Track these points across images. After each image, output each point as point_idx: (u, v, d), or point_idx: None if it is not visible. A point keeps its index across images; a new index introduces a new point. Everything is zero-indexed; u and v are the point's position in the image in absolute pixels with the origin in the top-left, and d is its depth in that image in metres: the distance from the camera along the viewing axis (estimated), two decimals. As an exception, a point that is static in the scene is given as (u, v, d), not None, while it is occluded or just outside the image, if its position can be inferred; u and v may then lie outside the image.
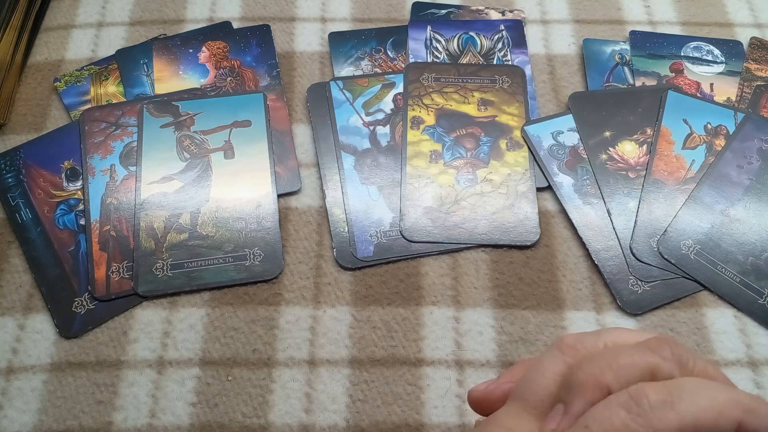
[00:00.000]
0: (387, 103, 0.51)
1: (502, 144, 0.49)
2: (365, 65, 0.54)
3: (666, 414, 0.20)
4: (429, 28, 0.56)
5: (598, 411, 0.21)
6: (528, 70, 0.53)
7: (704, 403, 0.21)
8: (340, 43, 0.55)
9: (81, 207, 0.47)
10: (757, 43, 0.55)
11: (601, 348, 0.25)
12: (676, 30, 0.56)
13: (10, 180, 0.48)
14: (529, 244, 0.46)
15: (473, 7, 0.57)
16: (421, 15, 0.57)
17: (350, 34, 0.55)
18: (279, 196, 0.48)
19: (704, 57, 0.54)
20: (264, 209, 0.47)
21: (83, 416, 0.40)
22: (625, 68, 0.54)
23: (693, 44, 0.55)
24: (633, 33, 0.55)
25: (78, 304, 0.43)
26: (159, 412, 0.40)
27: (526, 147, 0.49)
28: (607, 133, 0.50)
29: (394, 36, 0.55)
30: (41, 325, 0.43)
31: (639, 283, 0.44)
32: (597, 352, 0.24)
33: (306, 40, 0.55)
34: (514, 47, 0.55)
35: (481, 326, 0.43)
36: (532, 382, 0.24)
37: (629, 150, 0.49)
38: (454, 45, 0.55)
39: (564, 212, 0.47)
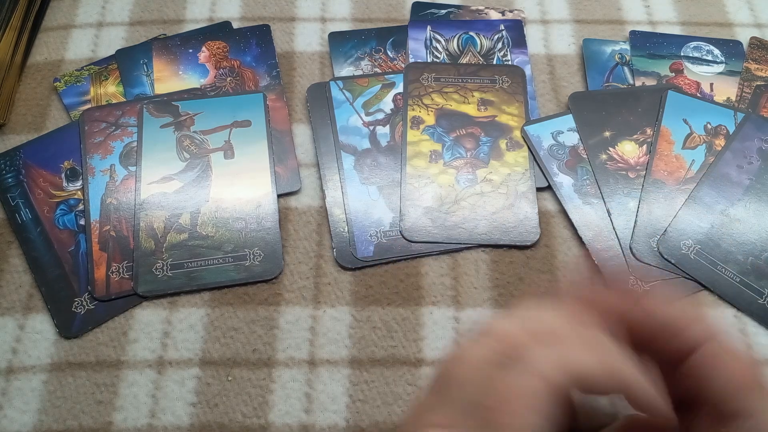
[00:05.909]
0: (387, 103, 0.51)
1: (502, 144, 0.49)
2: (365, 65, 0.54)
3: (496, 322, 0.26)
4: (429, 28, 0.56)
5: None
6: (528, 70, 0.53)
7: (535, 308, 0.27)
8: (340, 43, 0.55)
9: (81, 207, 0.47)
10: (757, 43, 0.55)
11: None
12: (676, 30, 0.56)
13: (10, 180, 0.48)
14: (529, 244, 0.46)
15: (473, 7, 0.57)
16: (421, 15, 0.57)
17: (350, 34, 0.55)
18: (279, 196, 0.48)
19: (704, 57, 0.54)
20: (264, 209, 0.47)
21: (83, 416, 0.40)
22: (625, 68, 0.53)
23: (693, 44, 0.55)
24: (633, 33, 0.55)
25: (78, 304, 0.43)
26: (159, 412, 0.40)
27: (526, 147, 0.49)
28: (607, 133, 0.50)
29: (394, 36, 0.55)
30: (41, 325, 0.43)
31: (639, 283, 0.44)
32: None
33: (306, 40, 0.55)
34: (514, 47, 0.55)
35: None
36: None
37: (629, 150, 0.49)
38: (454, 45, 0.55)
39: (564, 212, 0.47)
